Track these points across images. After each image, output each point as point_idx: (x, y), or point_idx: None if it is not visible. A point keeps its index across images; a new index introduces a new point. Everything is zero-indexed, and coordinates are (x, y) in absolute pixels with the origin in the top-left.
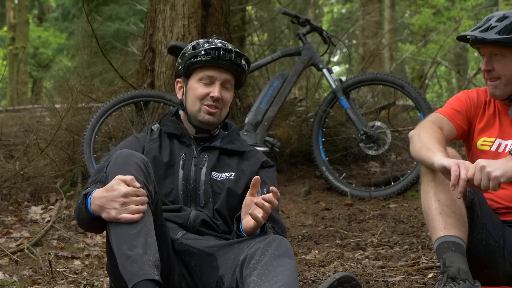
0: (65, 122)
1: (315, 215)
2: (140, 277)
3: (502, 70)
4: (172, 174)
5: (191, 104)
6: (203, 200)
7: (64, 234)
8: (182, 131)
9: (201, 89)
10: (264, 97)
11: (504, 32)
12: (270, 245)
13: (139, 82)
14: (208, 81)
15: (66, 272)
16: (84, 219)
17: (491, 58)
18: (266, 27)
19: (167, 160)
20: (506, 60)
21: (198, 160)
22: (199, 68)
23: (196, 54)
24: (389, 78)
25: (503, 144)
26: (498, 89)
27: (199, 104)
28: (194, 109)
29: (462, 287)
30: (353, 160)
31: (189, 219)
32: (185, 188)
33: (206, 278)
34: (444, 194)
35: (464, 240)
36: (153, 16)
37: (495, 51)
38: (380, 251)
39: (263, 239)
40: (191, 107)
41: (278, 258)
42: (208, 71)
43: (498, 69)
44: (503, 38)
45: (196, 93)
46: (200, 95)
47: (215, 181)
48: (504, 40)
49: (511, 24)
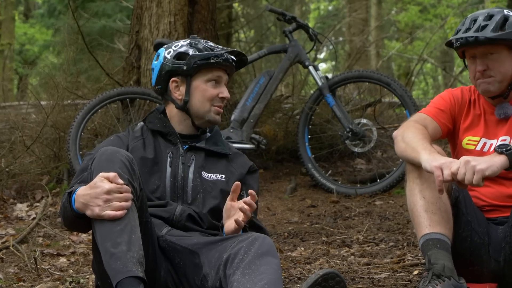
0: (51, 119)
1: (301, 212)
2: (124, 274)
3: (497, 68)
4: (158, 171)
5: (199, 104)
6: (191, 197)
7: (50, 232)
8: (169, 129)
9: (211, 90)
10: (250, 94)
11: (497, 29)
12: (253, 243)
13: (125, 79)
14: (216, 81)
15: (52, 270)
16: (69, 218)
17: (485, 57)
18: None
19: (152, 157)
20: (500, 58)
21: (186, 159)
22: (208, 68)
23: (208, 56)
24: (375, 75)
25: (488, 144)
26: (493, 85)
27: (209, 105)
28: (203, 109)
29: (447, 284)
30: (339, 157)
31: (175, 213)
32: (172, 185)
33: (190, 275)
34: (429, 191)
35: (449, 237)
36: (139, 13)
37: (491, 50)
38: (366, 248)
39: (246, 238)
40: (199, 107)
41: (262, 257)
42: (217, 72)
43: (494, 67)
44: (501, 34)
45: (206, 94)
46: (211, 96)
47: (205, 180)
48: (502, 37)
49: (499, 21)
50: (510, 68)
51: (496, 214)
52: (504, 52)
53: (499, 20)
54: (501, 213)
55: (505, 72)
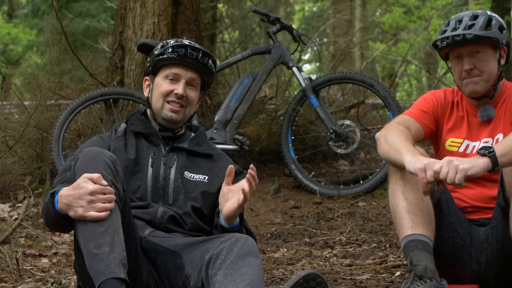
0: (34, 119)
1: (284, 213)
2: (106, 275)
3: (483, 67)
4: (139, 172)
5: (155, 101)
6: (172, 198)
7: (32, 232)
8: (151, 130)
9: (165, 86)
10: (234, 95)
11: (483, 28)
12: (235, 244)
13: (109, 79)
14: (173, 78)
15: (34, 270)
16: (51, 218)
17: (472, 56)
18: (237, 25)
19: (134, 157)
20: (487, 57)
21: (167, 160)
22: (166, 65)
23: (163, 52)
24: (358, 76)
25: (471, 146)
26: (479, 85)
27: (162, 101)
28: (157, 106)
29: (428, 285)
30: (323, 158)
31: (156, 215)
32: (153, 185)
33: (172, 276)
34: (411, 193)
35: (431, 238)
36: (123, 13)
37: (477, 49)
38: (348, 249)
39: (228, 239)
40: (155, 103)
41: (244, 257)
42: (174, 69)
43: (480, 66)
44: (484, 33)
45: (160, 90)
46: (164, 92)
47: (187, 180)
48: (485, 35)
49: (485, 20)
50: (495, 68)
51: (478, 215)
52: (490, 51)
53: (484, 20)
54: (483, 215)
55: (491, 71)
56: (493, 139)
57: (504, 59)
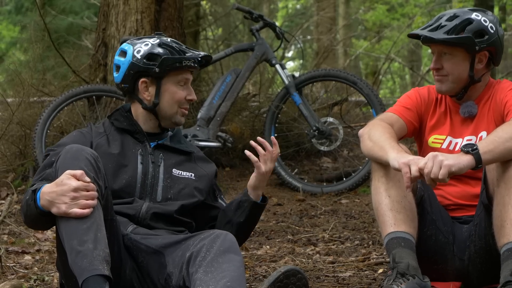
0: (17, 116)
1: (266, 210)
2: (90, 272)
3: (451, 69)
4: (126, 166)
5: (168, 107)
6: (161, 196)
7: (15, 229)
8: (136, 127)
9: (180, 92)
10: (217, 93)
11: (452, 32)
12: (215, 241)
13: (92, 76)
14: (184, 83)
15: (17, 267)
16: (32, 216)
17: (440, 57)
18: (220, 22)
19: (118, 152)
20: (454, 60)
21: (155, 158)
22: (179, 70)
23: (180, 60)
24: (341, 74)
25: (453, 142)
26: (445, 85)
27: (176, 107)
28: (171, 111)
29: (411, 283)
30: (305, 155)
31: (141, 210)
32: (143, 182)
33: (154, 274)
34: (394, 190)
35: (413, 236)
36: (106, 10)
37: (444, 50)
38: (331, 246)
39: (208, 236)
40: (167, 109)
41: (224, 254)
42: (186, 74)
43: (447, 67)
44: (450, 38)
45: (175, 96)
46: (180, 99)
47: (177, 178)
48: (451, 40)
49: (460, 24)
50: (465, 71)
51: (461, 213)
52: (460, 54)
53: (460, 23)
54: (466, 212)
55: (459, 74)
56: (477, 137)
57: (484, 63)
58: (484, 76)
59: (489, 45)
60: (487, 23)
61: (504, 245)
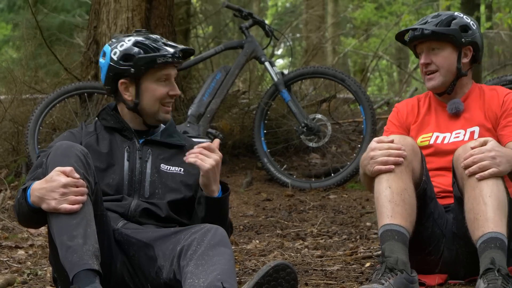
0: (9, 113)
1: (256, 205)
2: (80, 267)
3: (440, 62)
4: (114, 165)
5: (149, 105)
6: (149, 192)
7: (8, 224)
8: (123, 124)
9: (161, 89)
10: (207, 90)
11: (440, 25)
12: (206, 235)
13: (83, 74)
14: (165, 79)
15: (10, 262)
16: (24, 213)
17: (429, 52)
18: (210, 20)
19: (107, 151)
20: (444, 53)
21: (142, 153)
22: (155, 68)
23: (154, 58)
24: (329, 71)
25: (441, 136)
26: (436, 80)
27: (158, 104)
28: (153, 109)
29: (399, 277)
30: (294, 151)
31: (130, 208)
32: (130, 179)
33: (145, 267)
34: (396, 182)
35: (408, 230)
36: (97, 8)
37: (433, 45)
38: (320, 241)
39: (199, 230)
40: (149, 108)
41: (214, 248)
42: (165, 70)
43: (437, 61)
44: (440, 29)
45: (156, 94)
46: (161, 96)
47: (165, 173)
48: (441, 31)
49: (446, 19)
50: (453, 64)
51: (449, 200)
52: (448, 48)
53: (445, 19)
54: (452, 200)
55: (448, 67)
56: (465, 131)
57: (469, 57)
58: (468, 71)
59: (472, 39)
60: (469, 20)
61: (479, 238)
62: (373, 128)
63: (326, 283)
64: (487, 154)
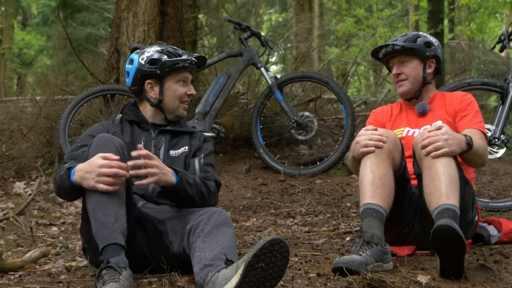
0: (44, 111)
1: (253, 189)
2: (110, 240)
3: (409, 72)
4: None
5: (171, 102)
6: None
7: (43, 205)
8: (141, 118)
9: (181, 89)
10: (211, 91)
11: (408, 41)
12: (212, 216)
13: (107, 78)
14: (184, 81)
15: (45, 237)
16: (64, 188)
17: (400, 64)
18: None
19: (129, 141)
20: (411, 65)
21: (157, 142)
22: (176, 71)
23: (177, 62)
24: (316, 75)
25: (411, 131)
26: (405, 87)
27: (178, 102)
28: (173, 106)
29: (374, 249)
30: (286, 143)
31: (148, 190)
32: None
33: (159, 241)
34: (378, 168)
35: (386, 209)
36: (118, 22)
37: (403, 59)
38: (307, 218)
39: (206, 212)
40: (170, 104)
41: (219, 227)
42: (184, 73)
43: (406, 72)
44: (409, 44)
45: (176, 93)
46: (180, 95)
47: (173, 158)
48: (409, 46)
49: (412, 38)
50: (420, 74)
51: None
52: (415, 61)
53: (412, 37)
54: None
55: (416, 76)
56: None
57: (432, 69)
58: (432, 80)
59: (435, 53)
60: (431, 38)
61: (434, 209)
62: (352, 123)
63: (312, 254)
64: (441, 137)
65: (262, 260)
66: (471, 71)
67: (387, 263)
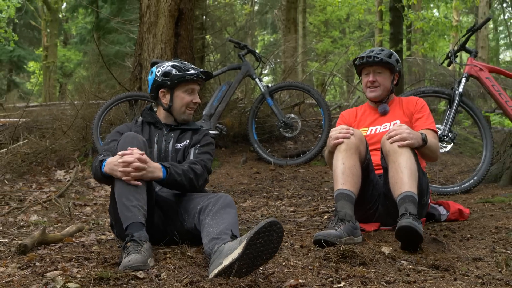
0: (81, 113)
1: (249, 176)
2: (133, 219)
3: (382, 81)
4: (151, 148)
5: (178, 108)
6: None
7: (79, 189)
8: (156, 119)
9: (187, 98)
10: (216, 97)
11: (387, 57)
12: (219, 199)
13: (132, 86)
14: (191, 91)
15: (80, 215)
16: (97, 175)
17: (375, 74)
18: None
19: (147, 138)
20: (384, 75)
21: (167, 137)
22: (184, 82)
23: (184, 75)
24: (300, 85)
25: (374, 129)
26: (377, 93)
27: (184, 108)
28: (181, 111)
29: (347, 225)
30: (275, 139)
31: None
32: (159, 156)
33: (174, 219)
34: (347, 160)
35: (355, 193)
36: (141, 42)
37: (378, 70)
38: (293, 200)
39: (214, 196)
40: (178, 110)
41: (224, 208)
42: (191, 85)
43: (379, 80)
44: (388, 59)
45: (183, 101)
46: (186, 102)
47: (178, 150)
48: (388, 61)
49: (389, 53)
50: (389, 84)
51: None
52: (388, 73)
53: (388, 52)
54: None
55: (386, 85)
56: (390, 123)
57: (396, 81)
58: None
59: (399, 69)
60: (397, 57)
61: (398, 196)
62: (329, 123)
63: (297, 230)
64: (404, 130)
65: (261, 237)
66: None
67: (357, 237)
